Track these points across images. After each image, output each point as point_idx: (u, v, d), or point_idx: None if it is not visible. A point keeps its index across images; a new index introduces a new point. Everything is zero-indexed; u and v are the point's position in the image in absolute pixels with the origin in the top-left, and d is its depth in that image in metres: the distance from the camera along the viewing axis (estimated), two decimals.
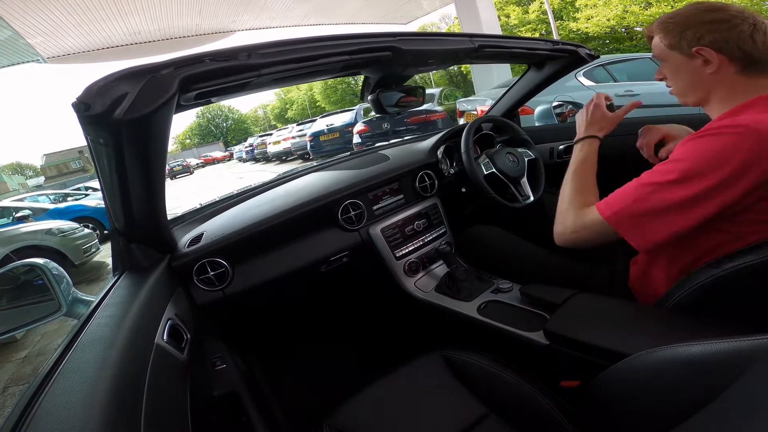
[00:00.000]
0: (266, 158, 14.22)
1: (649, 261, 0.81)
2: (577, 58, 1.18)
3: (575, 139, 0.93)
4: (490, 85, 6.73)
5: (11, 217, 5.69)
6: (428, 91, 6.25)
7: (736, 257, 0.61)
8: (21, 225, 4.63)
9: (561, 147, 1.52)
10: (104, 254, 5.06)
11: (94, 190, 8.67)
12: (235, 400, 0.83)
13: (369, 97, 0.95)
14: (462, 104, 4.96)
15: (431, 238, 1.23)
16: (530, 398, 0.69)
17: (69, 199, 7.65)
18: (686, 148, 0.64)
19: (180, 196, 9.90)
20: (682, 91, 0.75)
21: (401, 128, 6.04)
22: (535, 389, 0.70)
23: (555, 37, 10.17)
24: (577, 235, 0.76)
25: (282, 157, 12.28)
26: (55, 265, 0.81)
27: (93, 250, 4.75)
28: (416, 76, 1.03)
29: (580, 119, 0.95)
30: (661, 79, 0.78)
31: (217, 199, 1.27)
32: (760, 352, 0.37)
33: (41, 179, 37.05)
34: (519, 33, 15.30)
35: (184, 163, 23.88)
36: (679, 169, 0.63)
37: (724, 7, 0.67)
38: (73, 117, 0.46)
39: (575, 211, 0.77)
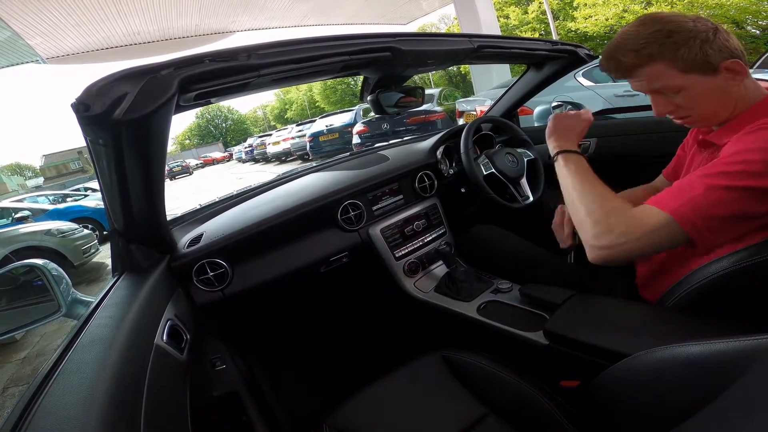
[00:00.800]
0: (266, 159, 14.22)
1: (661, 257, 0.80)
2: (577, 59, 1.18)
3: (552, 156, 0.82)
4: (489, 85, 6.74)
5: (10, 218, 5.69)
6: (427, 91, 6.26)
7: (737, 256, 0.61)
8: (20, 226, 4.63)
9: None
10: (104, 255, 5.06)
11: (94, 190, 8.67)
12: (235, 400, 0.83)
13: (368, 98, 0.95)
14: (461, 104, 4.97)
15: (431, 238, 1.23)
16: (530, 398, 0.69)
17: (68, 199, 7.64)
18: (747, 141, 0.57)
19: (179, 197, 9.90)
20: (712, 114, 0.65)
21: (401, 129, 6.04)
22: (535, 389, 0.70)
23: (554, 38, 10.19)
24: (638, 242, 0.60)
25: (281, 157, 12.28)
26: (55, 265, 0.81)
27: (92, 250, 4.75)
28: (415, 77, 1.03)
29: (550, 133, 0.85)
30: (667, 113, 0.68)
31: (217, 199, 1.27)
32: (760, 352, 0.37)
33: (40, 180, 37.04)
34: (518, 33, 15.32)
35: (184, 164, 23.87)
36: (751, 160, 0.55)
37: (682, 14, 0.63)
38: (72, 117, 0.46)
39: (622, 216, 0.62)
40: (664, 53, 0.62)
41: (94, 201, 6.82)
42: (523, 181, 1.25)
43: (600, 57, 0.71)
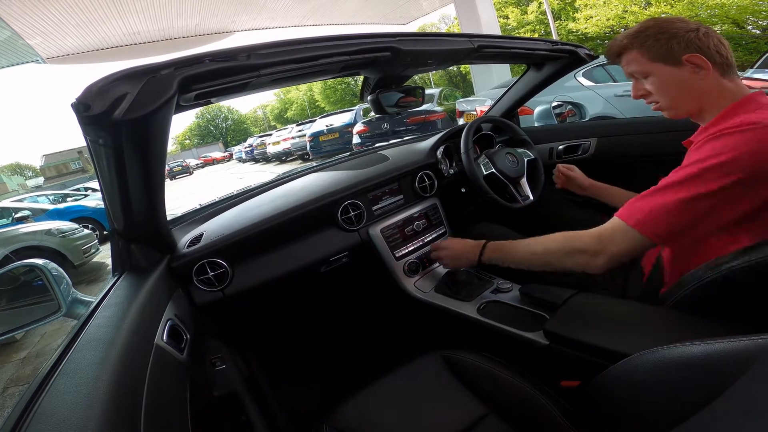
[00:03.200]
0: (266, 159, 14.22)
1: (668, 259, 0.81)
2: (577, 59, 1.18)
3: (479, 261, 0.93)
4: (489, 85, 6.74)
5: (11, 218, 5.69)
6: (428, 91, 6.26)
7: (737, 256, 0.61)
8: (20, 226, 4.62)
9: (561, 147, 1.52)
10: (104, 255, 5.06)
11: (94, 190, 8.67)
12: (235, 400, 0.83)
13: (368, 98, 0.95)
14: (461, 104, 4.97)
15: (431, 238, 1.23)
16: (530, 398, 0.69)
17: (68, 199, 7.65)
18: (705, 149, 0.63)
19: (179, 197, 9.90)
20: (673, 103, 0.73)
21: (401, 128, 6.04)
22: (535, 389, 0.70)
23: (554, 38, 10.19)
24: (613, 252, 0.70)
25: (281, 157, 12.28)
26: (55, 265, 0.81)
27: (93, 250, 4.75)
28: (416, 77, 1.03)
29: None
30: (640, 97, 0.77)
31: (217, 199, 1.27)
32: (760, 352, 0.37)
33: (41, 180, 37.08)
34: (518, 34, 15.30)
35: (184, 164, 23.89)
36: (703, 167, 0.62)
37: (682, 18, 0.71)
38: (72, 117, 0.46)
39: (585, 237, 0.73)
40: (635, 43, 0.73)
41: (95, 201, 6.83)
42: (524, 181, 1.25)
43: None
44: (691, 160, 0.65)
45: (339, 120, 8.31)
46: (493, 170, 1.21)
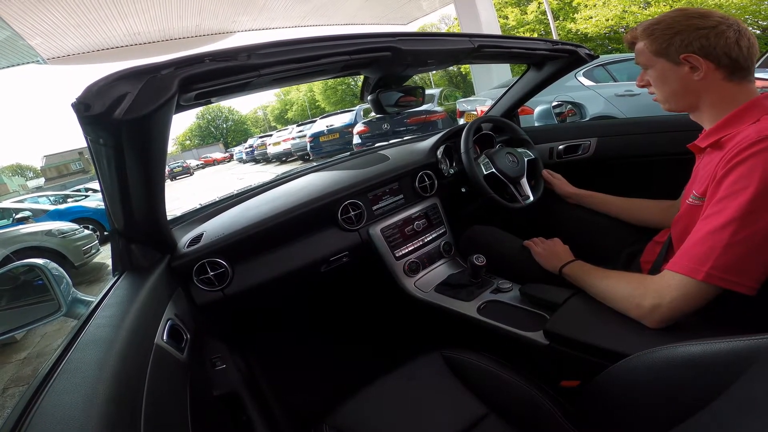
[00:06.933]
0: (266, 159, 14.23)
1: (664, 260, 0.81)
2: (577, 58, 1.18)
3: (560, 271, 0.90)
4: (489, 85, 6.74)
5: (11, 219, 5.69)
6: (428, 91, 6.26)
7: None
8: (21, 226, 4.62)
9: (561, 147, 1.52)
10: (104, 255, 5.06)
11: (94, 191, 8.68)
12: (235, 400, 0.83)
13: (369, 98, 0.95)
14: (462, 104, 4.97)
15: (431, 238, 1.23)
16: (530, 398, 0.69)
17: (69, 200, 7.65)
18: (735, 177, 0.60)
19: (180, 197, 9.90)
20: (669, 97, 0.75)
21: (401, 128, 6.04)
22: (535, 389, 0.70)
23: (554, 38, 10.19)
24: (673, 306, 0.63)
25: (282, 158, 12.28)
26: (55, 265, 0.81)
27: (93, 251, 4.75)
28: (416, 77, 1.03)
29: (543, 260, 0.98)
30: (643, 86, 0.79)
31: (217, 199, 1.27)
32: (760, 352, 0.37)
33: (41, 180, 37.08)
34: (517, 34, 15.28)
35: (184, 165, 23.92)
36: (746, 200, 0.58)
37: (709, 13, 0.68)
38: (73, 118, 0.46)
39: (648, 286, 0.66)
40: (644, 35, 0.74)
41: (95, 201, 6.83)
42: (524, 181, 1.25)
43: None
44: (725, 194, 0.61)
45: (339, 120, 8.32)
46: (493, 170, 1.21)
